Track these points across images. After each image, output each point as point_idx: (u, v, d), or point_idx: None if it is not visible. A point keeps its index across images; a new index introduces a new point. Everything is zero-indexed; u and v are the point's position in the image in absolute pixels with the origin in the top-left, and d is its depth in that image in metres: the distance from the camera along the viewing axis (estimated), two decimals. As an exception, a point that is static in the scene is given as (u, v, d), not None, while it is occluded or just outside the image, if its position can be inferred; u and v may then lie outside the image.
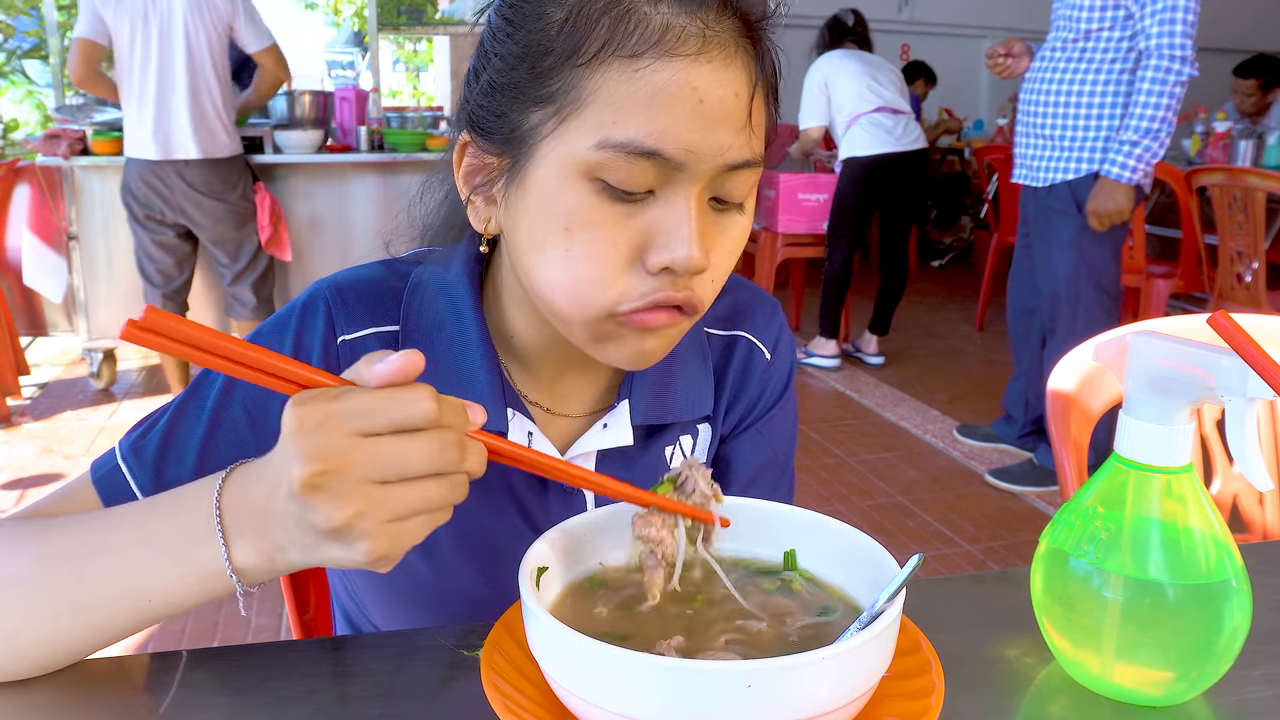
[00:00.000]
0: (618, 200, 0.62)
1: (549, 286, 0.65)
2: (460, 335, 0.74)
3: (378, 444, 0.50)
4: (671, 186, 0.62)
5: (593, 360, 0.77)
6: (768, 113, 0.66)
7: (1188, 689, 0.61)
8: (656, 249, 0.62)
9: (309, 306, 0.75)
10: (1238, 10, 6.91)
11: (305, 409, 0.51)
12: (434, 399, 0.51)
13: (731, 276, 0.86)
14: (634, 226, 0.62)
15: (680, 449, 0.81)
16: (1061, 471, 1.10)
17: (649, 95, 0.59)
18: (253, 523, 0.55)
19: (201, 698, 0.61)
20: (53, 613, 0.59)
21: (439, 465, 0.51)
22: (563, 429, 0.79)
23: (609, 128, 0.60)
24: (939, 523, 2.91)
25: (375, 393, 0.51)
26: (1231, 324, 0.56)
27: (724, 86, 0.60)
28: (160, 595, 0.59)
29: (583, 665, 0.50)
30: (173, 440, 0.71)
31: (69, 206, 3.77)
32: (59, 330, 4.08)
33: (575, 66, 0.61)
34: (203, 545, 0.56)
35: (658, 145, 0.59)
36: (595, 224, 0.62)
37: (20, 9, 7.35)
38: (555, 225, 0.63)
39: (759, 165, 0.65)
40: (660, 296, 0.63)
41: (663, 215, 0.62)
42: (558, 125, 0.62)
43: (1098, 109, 2.83)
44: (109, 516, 0.61)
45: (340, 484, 0.50)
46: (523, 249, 0.67)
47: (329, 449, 0.50)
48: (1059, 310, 3.00)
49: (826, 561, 0.63)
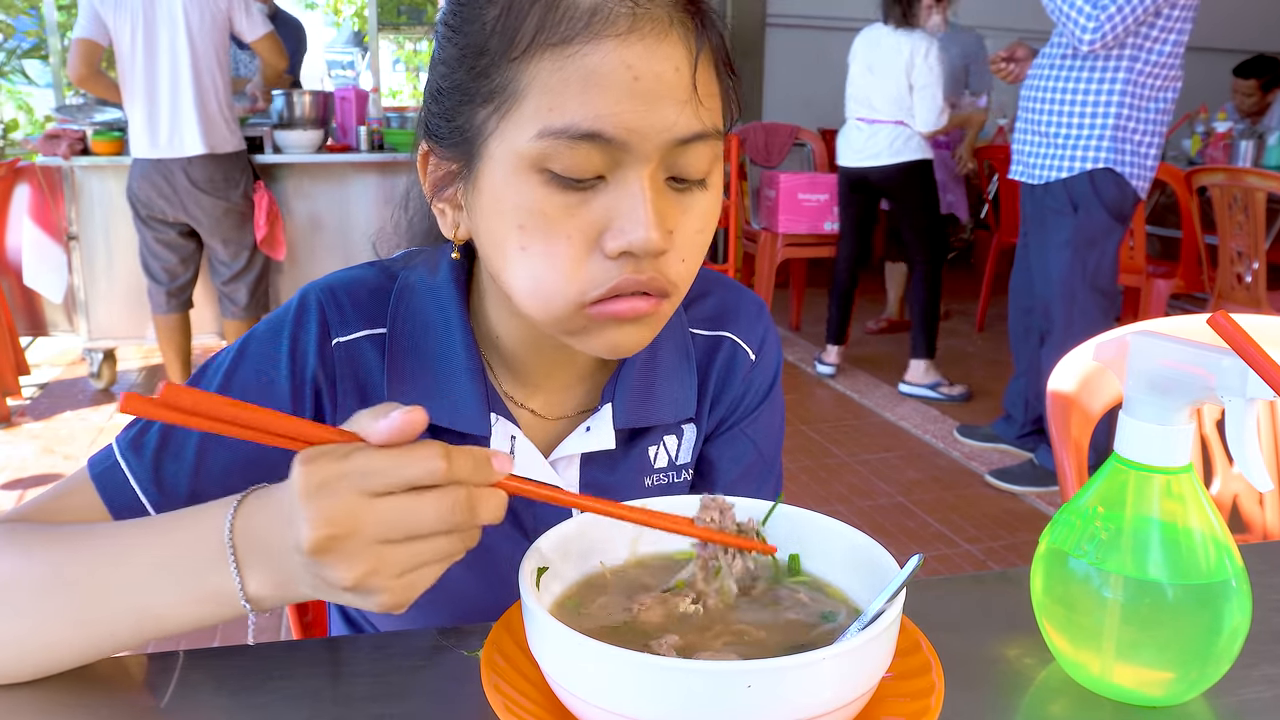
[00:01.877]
0: (568, 189, 0.61)
1: (515, 287, 0.65)
2: (446, 339, 0.74)
3: (387, 505, 0.50)
4: (621, 170, 0.61)
5: (579, 361, 0.77)
6: (722, 83, 0.65)
7: (1187, 689, 0.61)
8: (613, 234, 0.61)
9: (303, 310, 0.75)
10: (1237, 11, 6.91)
11: (313, 468, 0.51)
12: (444, 457, 0.51)
13: (717, 277, 0.87)
14: (587, 216, 0.62)
15: (664, 449, 0.81)
16: (1061, 472, 1.10)
17: (583, 79, 0.59)
18: (265, 557, 0.55)
19: (201, 698, 0.61)
20: (60, 623, 0.60)
21: (449, 524, 0.51)
22: (547, 431, 0.79)
23: (546, 116, 0.60)
24: (939, 523, 2.91)
25: (384, 452, 0.51)
26: (1231, 324, 0.56)
27: (661, 62, 0.60)
28: (169, 615, 0.59)
29: (583, 665, 0.50)
30: (171, 436, 0.71)
31: (69, 206, 3.76)
32: (59, 330, 4.08)
33: (510, 61, 0.61)
34: (215, 572, 0.56)
35: (596, 127, 0.59)
36: (547, 217, 0.62)
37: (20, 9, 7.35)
38: (509, 223, 0.63)
39: (715, 138, 0.64)
40: (623, 281, 0.62)
41: (616, 200, 0.61)
42: (500, 122, 0.62)
43: (1093, 107, 2.83)
44: (123, 532, 0.61)
45: (350, 546, 0.50)
46: (488, 252, 0.67)
47: (337, 511, 0.50)
48: (1055, 310, 3.01)
49: (827, 562, 0.63)
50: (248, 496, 0.57)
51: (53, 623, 0.60)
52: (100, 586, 0.59)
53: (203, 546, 0.57)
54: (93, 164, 3.75)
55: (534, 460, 0.76)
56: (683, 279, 0.66)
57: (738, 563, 0.61)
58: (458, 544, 0.53)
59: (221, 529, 0.56)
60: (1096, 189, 2.87)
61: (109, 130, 3.74)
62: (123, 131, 3.78)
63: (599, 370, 0.80)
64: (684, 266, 0.65)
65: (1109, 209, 2.87)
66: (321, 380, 0.73)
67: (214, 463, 0.70)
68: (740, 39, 6.90)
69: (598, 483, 0.79)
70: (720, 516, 0.60)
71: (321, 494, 0.50)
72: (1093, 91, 2.82)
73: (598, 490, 0.78)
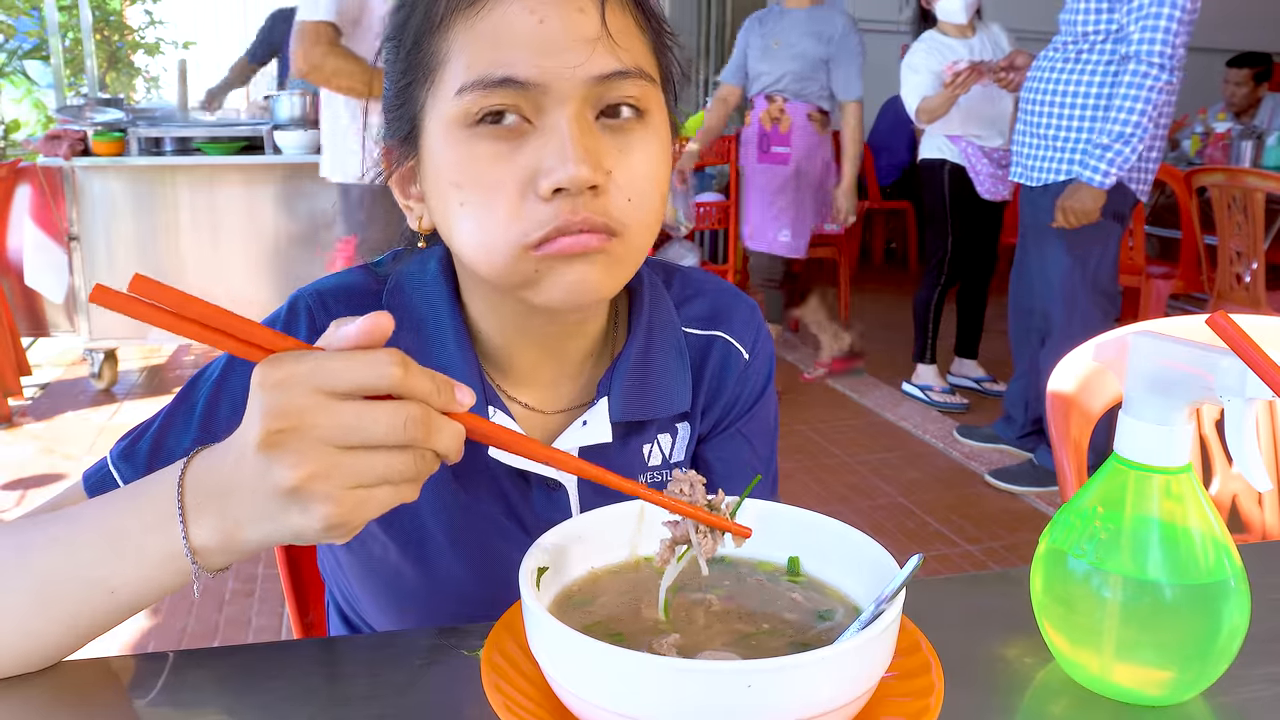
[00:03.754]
0: (497, 139, 0.63)
1: (462, 246, 0.67)
2: (438, 333, 0.74)
3: (339, 407, 0.49)
4: (544, 114, 0.63)
5: (567, 351, 0.78)
6: (641, 21, 0.68)
7: (1186, 689, 0.61)
8: (544, 173, 0.63)
9: (292, 316, 0.75)
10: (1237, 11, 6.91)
11: (270, 368, 0.50)
12: (400, 365, 0.50)
13: (710, 278, 0.87)
14: (520, 161, 0.63)
15: (658, 447, 0.81)
16: (1061, 472, 1.10)
17: (492, 33, 0.63)
18: (214, 499, 0.55)
19: (201, 697, 0.61)
20: (21, 607, 0.59)
21: (402, 437, 0.50)
22: (545, 425, 0.79)
23: (464, 73, 0.63)
24: (939, 523, 2.91)
25: (342, 354, 0.50)
26: (1231, 324, 0.56)
27: (565, 5, 0.63)
28: (122, 586, 0.58)
29: (583, 665, 0.50)
30: (163, 446, 0.71)
31: (70, 207, 3.76)
32: (60, 330, 4.08)
33: (431, 34, 0.65)
34: (161, 531, 0.56)
35: (509, 72, 0.62)
36: (479, 169, 0.64)
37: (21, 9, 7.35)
38: (448, 183, 0.65)
39: (640, 77, 0.65)
40: (563, 221, 0.63)
41: (544, 141, 0.63)
42: (429, 93, 0.66)
43: (1090, 110, 2.83)
44: (80, 509, 0.61)
45: (299, 442, 0.49)
46: (441, 227, 0.69)
47: (289, 406, 0.49)
48: (1054, 312, 3.00)
49: (827, 562, 0.63)
50: (198, 452, 0.57)
51: (20, 608, 0.59)
52: (55, 564, 0.59)
53: (150, 506, 0.56)
54: (93, 164, 3.75)
55: None
56: (633, 219, 0.66)
57: (708, 541, 0.58)
58: (410, 466, 0.51)
59: (170, 486, 0.56)
60: None
61: (109, 131, 3.74)
62: (123, 132, 3.79)
63: (593, 365, 0.80)
64: (631, 206, 0.66)
65: (1107, 210, 2.88)
66: None
67: None
68: (740, 39, 6.90)
69: None
70: (690, 490, 0.58)
71: (277, 390, 0.49)
72: (1090, 95, 2.82)
73: (593, 486, 0.78)
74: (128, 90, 8.23)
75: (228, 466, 0.53)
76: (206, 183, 3.90)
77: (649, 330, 0.79)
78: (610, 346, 0.81)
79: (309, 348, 0.52)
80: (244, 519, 0.54)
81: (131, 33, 8.47)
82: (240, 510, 0.53)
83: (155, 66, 8.59)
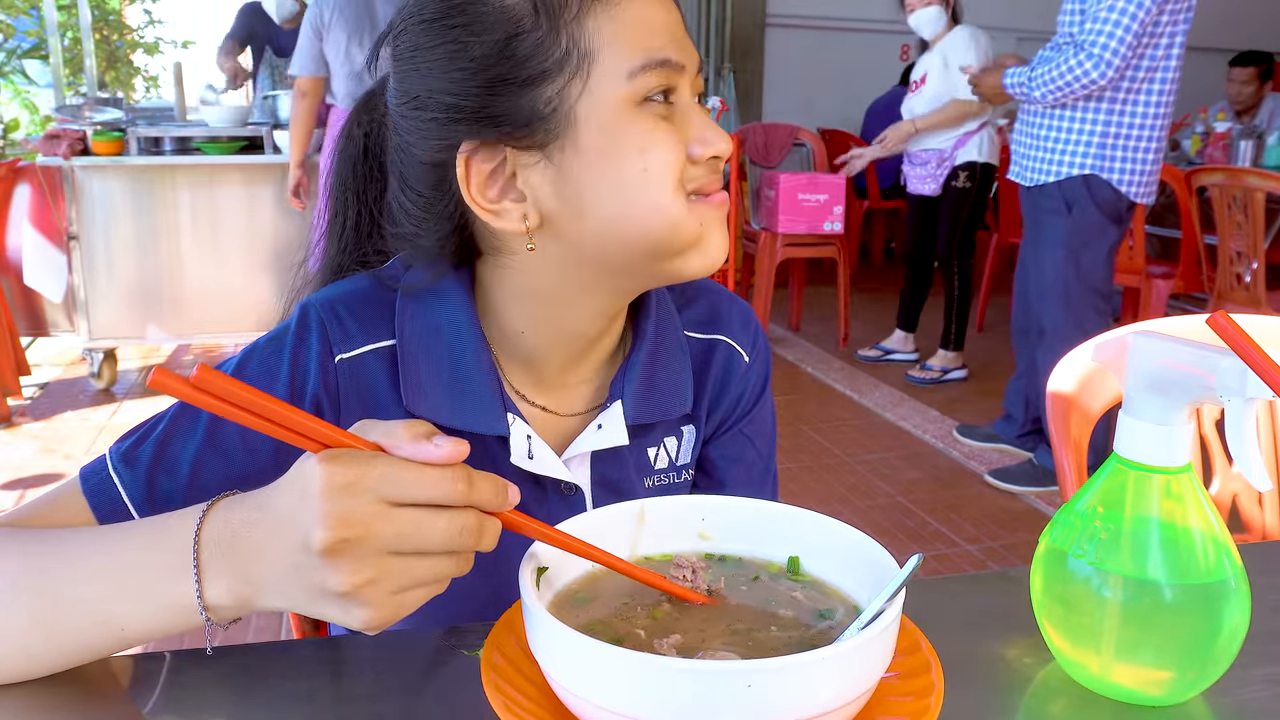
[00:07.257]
0: (659, 116, 0.69)
1: (638, 217, 0.69)
2: (457, 340, 0.74)
3: (403, 516, 0.51)
4: (679, 92, 0.70)
5: (596, 353, 0.79)
6: None
7: (1186, 689, 0.61)
8: (701, 143, 0.69)
9: (303, 327, 0.74)
10: (1237, 11, 6.91)
11: (336, 468, 0.50)
12: (465, 481, 0.51)
13: (705, 282, 0.89)
14: (675, 129, 0.69)
15: (665, 450, 0.82)
16: (1061, 471, 1.10)
17: (638, 23, 0.67)
18: (235, 561, 0.55)
19: (202, 697, 0.61)
20: (23, 629, 0.59)
21: (456, 545, 0.52)
22: (559, 429, 0.79)
23: (629, 58, 0.67)
24: (939, 523, 2.91)
25: (409, 465, 0.51)
26: (1231, 324, 0.56)
27: (669, 5, 0.71)
28: (132, 625, 0.58)
29: (583, 665, 0.50)
30: (166, 451, 0.70)
31: (69, 206, 3.76)
32: (59, 330, 4.08)
33: (568, 25, 0.66)
34: (176, 580, 0.56)
35: (665, 54, 0.68)
36: (658, 135, 0.68)
37: (20, 9, 7.34)
38: (630, 154, 0.68)
39: None
40: (708, 181, 0.71)
41: (686, 115, 0.70)
42: (584, 83, 0.67)
43: (1082, 111, 2.84)
44: (90, 539, 0.60)
45: (360, 551, 0.50)
46: (591, 209, 0.68)
47: (355, 514, 0.50)
48: (1048, 309, 3.01)
49: (826, 562, 0.63)
50: (216, 504, 0.56)
51: (20, 626, 0.59)
52: (63, 592, 0.58)
53: (167, 553, 0.56)
54: (93, 164, 3.74)
55: (549, 459, 0.76)
56: None
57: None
58: (453, 568, 0.53)
59: (185, 536, 0.55)
60: (1090, 190, 2.88)
61: (109, 130, 3.74)
62: (122, 131, 3.79)
63: (606, 367, 0.81)
64: None
65: (1103, 209, 2.88)
66: (323, 398, 0.73)
67: (209, 480, 0.69)
68: (740, 39, 6.91)
69: (608, 479, 0.80)
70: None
71: (343, 495, 0.50)
72: (1085, 96, 2.83)
73: (607, 486, 0.79)
74: (127, 90, 8.22)
75: (258, 535, 0.54)
76: (206, 182, 3.90)
77: (656, 332, 0.80)
78: (620, 349, 0.81)
79: (371, 447, 0.52)
80: (267, 588, 0.54)
81: (130, 32, 8.46)
82: (265, 580, 0.54)
83: (154, 66, 8.59)
